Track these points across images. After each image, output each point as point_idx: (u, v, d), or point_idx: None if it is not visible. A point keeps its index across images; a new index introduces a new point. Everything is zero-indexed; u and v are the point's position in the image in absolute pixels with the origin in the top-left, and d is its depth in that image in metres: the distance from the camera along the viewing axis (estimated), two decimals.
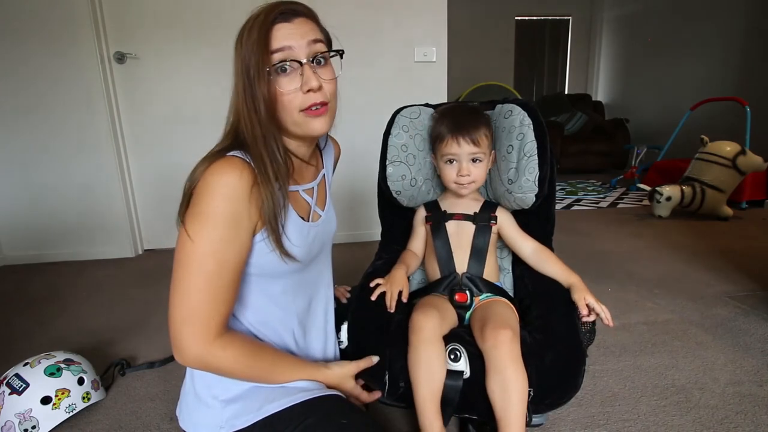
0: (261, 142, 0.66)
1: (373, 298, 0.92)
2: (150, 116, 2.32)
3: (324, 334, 0.88)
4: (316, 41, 0.67)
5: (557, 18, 6.17)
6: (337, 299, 0.95)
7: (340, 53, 0.73)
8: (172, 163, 2.34)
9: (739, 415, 1.00)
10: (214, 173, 0.62)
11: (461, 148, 0.93)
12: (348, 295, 1.06)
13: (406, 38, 2.32)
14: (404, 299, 0.92)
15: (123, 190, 2.31)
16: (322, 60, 0.69)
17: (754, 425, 0.97)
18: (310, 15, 0.69)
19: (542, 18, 6.15)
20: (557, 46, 6.29)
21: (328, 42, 0.73)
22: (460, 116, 0.96)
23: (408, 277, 1.00)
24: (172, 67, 2.26)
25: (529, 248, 0.99)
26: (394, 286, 0.92)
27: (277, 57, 0.65)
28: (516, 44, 6.07)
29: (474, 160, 0.95)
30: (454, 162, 0.96)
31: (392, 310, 0.90)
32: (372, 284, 0.94)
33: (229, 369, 0.67)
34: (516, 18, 6.00)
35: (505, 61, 6.07)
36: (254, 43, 0.64)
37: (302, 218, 0.75)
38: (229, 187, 0.62)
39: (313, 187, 0.82)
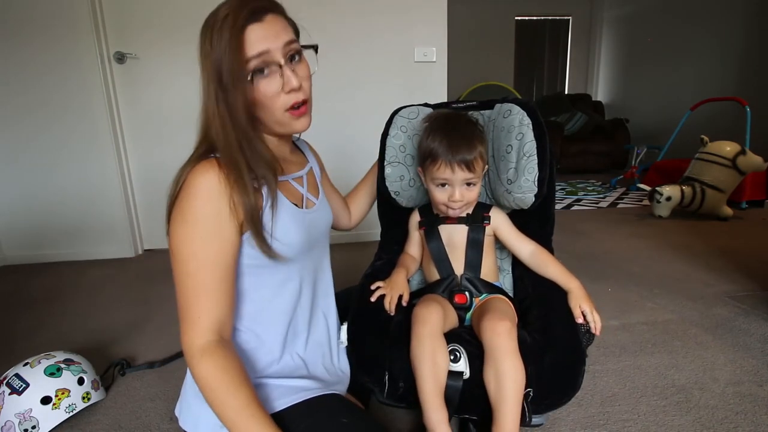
0: (236, 147, 0.65)
1: (373, 299, 0.92)
2: (150, 116, 2.32)
3: (325, 322, 0.89)
4: (290, 42, 0.67)
5: (557, 18, 6.17)
6: (336, 301, 0.95)
7: (315, 48, 0.72)
8: (172, 162, 2.30)
9: (739, 415, 1.00)
10: (195, 175, 0.64)
11: (455, 175, 0.88)
12: None
13: (406, 38, 2.32)
14: (404, 303, 0.92)
15: (123, 190, 2.31)
16: (297, 57, 0.69)
17: (754, 425, 0.97)
18: (277, 9, 0.68)
19: (542, 18, 6.15)
20: (557, 46, 6.29)
21: (297, 34, 0.72)
22: (454, 135, 0.88)
23: (408, 280, 0.99)
24: (172, 67, 2.26)
25: (527, 250, 0.97)
26: (394, 290, 0.92)
27: (254, 63, 0.64)
28: (516, 44, 6.07)
29: (468, 184, 0.91)
30: (447, 186, 0.91)
31: (392, 314, 0.90)
32: (372, 287, 0.94)
33: (202, 384, 0.62)
34: (516, 18, 6.00)
35: (505, 61, 6.07)
36: (227, 48, 0.61)
37: (296, 205, 0.76)
38: (208, 187, 0.63)
39: (302, 176, 0.83)
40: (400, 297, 0.92)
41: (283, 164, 0.78)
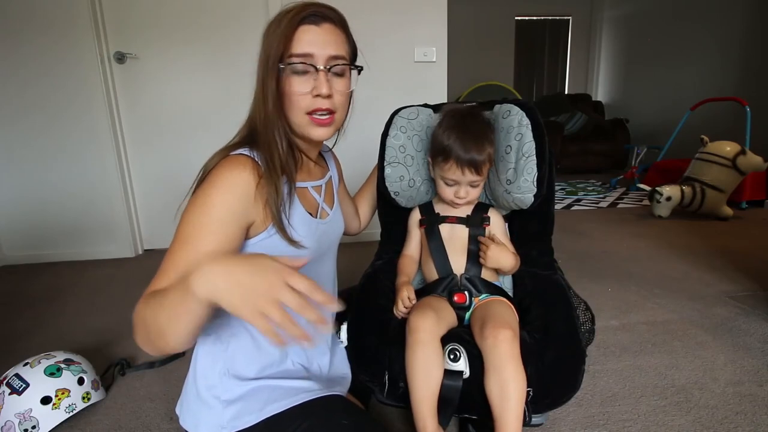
0: (266, 131, 0.68)
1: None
2: (150, 116, 2.31)
3: (328, 333, 0.88)
4: (337, 57, 0.69)
5: (557, 18, 6.17)
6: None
7: (358, 69, 0.74)
8: (172, 162, 2.34)
9: (739, 415, 1.00)
10: (223, 167, 0.65)
11: (464, 177, 0.92)
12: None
13: (406, 38, 2.32)
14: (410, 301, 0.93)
15: (123, 190, 2.31)
16: (340, 70, 0.70)
17: (754, 425, 0.97)
18: (339, 23, 0.71)
19: (542, 18, 6.15)
20: (557, 46, 6.29)
21: (353, 53, 0.74)
22: (468, 137, 0.91)
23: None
24: (172, 67, 2.26)
25: None
26: (403, 294, 0.93)
27: (295, 59, 0.66)
28: (516, 44, 6.07)
29: (472, 185, 0.95)
30: (453, 185, 0.95)
31: (406, 309, 0.91)
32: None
33: (138, 317, 0.61)
34: (516, 18, 6.00)
35: (505, 61, 6.07)
36: (278, 37, 0.66)
37: (310, 214, 0.76)
38: (231, 182, 0.64)
39: (321, 185, 0.83)
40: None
41: (306, 170, 0.79)
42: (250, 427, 0.69)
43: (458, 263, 0.97)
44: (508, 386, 0.75)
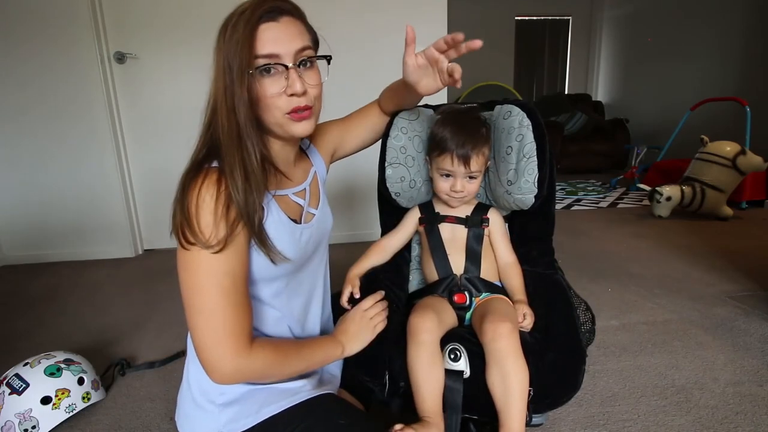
0: (236, 143, 0.64)
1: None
2: (150, 116, 2.32)
3: (321, 329, 0.88)
4: (303, 48, 0.66)
5: (557, 18, 6.17)
6: (333, 301, 0.95)
7: (328, 59, 0.72)
8: (172, 163, 2.32)
9: (739, 415, 1.00)
10: (202, 191, 0.61)
11: (458, 168, 0.92)
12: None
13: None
14: (354, 295, 0.92)
15: (123, 190, 2.31)
16: (308, 63, 0.68)
17: (754, 425, 0.97)
18: (296, 13, 0.68)
19: (542, 18, 6.15)
20: (557, 46, 6.29)
21: (315, 42, 0.71)
22: (463, 130, 0.92)
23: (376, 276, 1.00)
24: (172, 67, 2.26)
25: (505, 259, 0.99)
26: (345, 288, 0.94)
27: (262, 61, 0.63)
28: (516, 44, 6.07)
29: (470, 177, 0.94)
30: (450, 177, 0.95)
31: (343, 305, 0.91)
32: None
33: (268, 372, 0.68)
34: (516, 18, 6.00)
35: (505, 61, 6.06)
36: (238, 42, 0.62)
37: (294, 221, 0.74)
38: (220, 203, 0.61)
39: (304, 189, 0.81)
40: (397, 294, 0.92)
41: (287, 173, 0.76)
42: (247, 430, 0.68)
43: (458, 263, 0.97)
44: (510, 379, 0.75)
